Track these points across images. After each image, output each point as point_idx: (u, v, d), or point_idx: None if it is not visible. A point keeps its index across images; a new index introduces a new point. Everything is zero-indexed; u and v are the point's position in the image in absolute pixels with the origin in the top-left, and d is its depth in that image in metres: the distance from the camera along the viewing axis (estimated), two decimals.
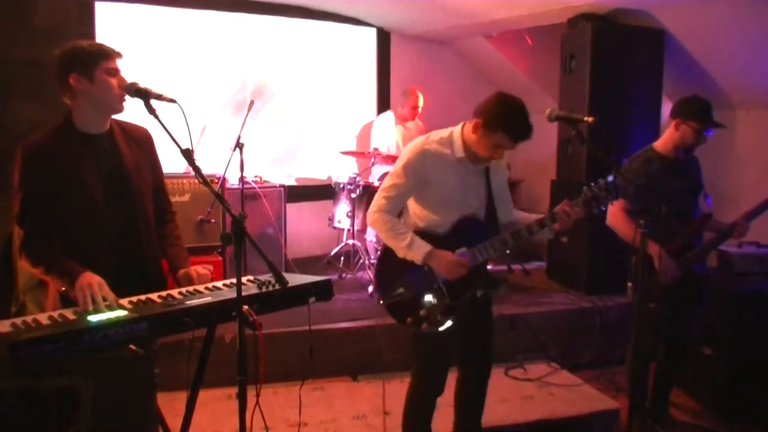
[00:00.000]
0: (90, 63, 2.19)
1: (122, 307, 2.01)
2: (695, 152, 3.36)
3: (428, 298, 2.64)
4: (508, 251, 2.66)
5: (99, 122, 2.29)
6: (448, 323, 2.64)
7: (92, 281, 2.05)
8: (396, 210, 2.68)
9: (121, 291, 2.12)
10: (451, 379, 2.89)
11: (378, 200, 2.67)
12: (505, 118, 2.50)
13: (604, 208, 2.65)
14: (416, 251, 2.57)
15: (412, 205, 2.73)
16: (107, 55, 2.22)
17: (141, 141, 2.43)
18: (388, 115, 6.02)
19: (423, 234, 2.63)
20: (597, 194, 2.58)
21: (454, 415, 2.98)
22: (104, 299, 2.03)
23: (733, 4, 4.15)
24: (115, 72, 2.22)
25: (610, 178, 2.58)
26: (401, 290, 2.66)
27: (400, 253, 2.61)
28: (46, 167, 2.18)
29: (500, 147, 2.56)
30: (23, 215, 2.19)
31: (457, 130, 2.66)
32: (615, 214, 3.28)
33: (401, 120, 5.93)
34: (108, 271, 2.14)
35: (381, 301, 2.70)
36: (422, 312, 2.63)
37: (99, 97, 2.22)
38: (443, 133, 2.69)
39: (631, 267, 3.35)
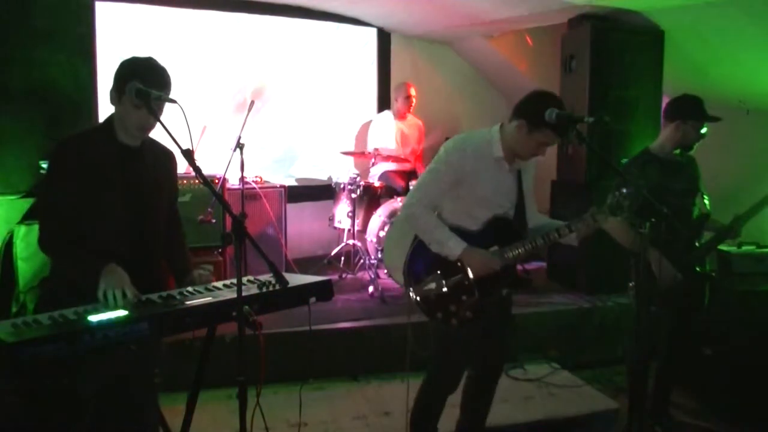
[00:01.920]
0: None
1: (122, 307, 2.01)
2: (695, 153, 3.37)
3: (459, 294, 2.65)
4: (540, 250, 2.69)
5: (131, 138, 2.31)
6: (476, 320, 2.67)
7: (122, 276, 2.09)
8: (433, 205, 2.71)
9: None
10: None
11: (416, 194, 2.69)
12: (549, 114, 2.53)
13: (625, 216, 2.67)
14: (452, 247, 2.59)
15: (445, 201, 2.74)
16: (160, 85, 2.18)
17: (165, 160, 2.47)
18: (387, 114, 6.03)
19: (454, 230, 2.65)
20: (620, 202, 2.59)
21: (459, 413, 2.99)
22: (124, 295, 2.05)
23: (733, 4, 4.15)
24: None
25: (631, 189, 2.59)
26: (432, 285, 2.68)
27: (434, 248, 2.64)
28: (77, 165, 2.20)
29: (545, 144, 2.61)
30: (48, 209, 2.24)
31: (495, 129, 2.69)
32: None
33: (399, 116, 5.94)
34: None
35: (412, 294, 2.71)
36: (452, 307, 2.65)
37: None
38: (481, 132, 2.72)
39: (632, 267, 3.35)
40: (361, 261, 5.35)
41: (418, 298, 2.70)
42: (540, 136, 2.57)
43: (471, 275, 2.63)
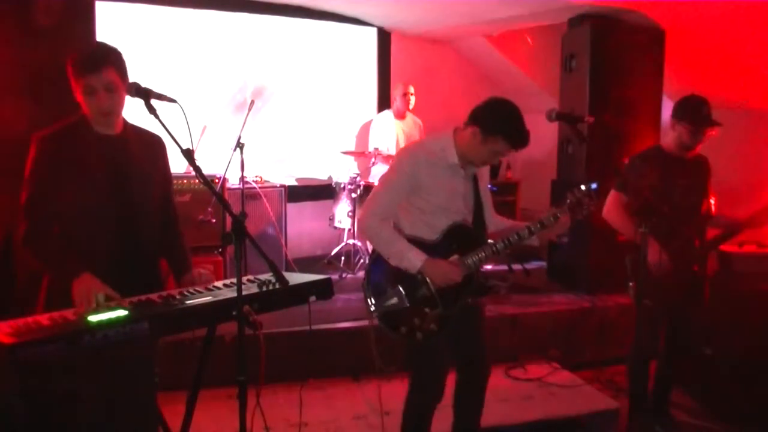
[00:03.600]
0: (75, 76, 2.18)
1: (122, 307, 2.00)
2: (704, 153, 3.38)
3: (421, 306, 2.61)
4: (500, 256, 2.66)
5: (104, 126, 2.28)
6: (442, 331, 2.63)
7: (91, 285, 2.04)
8: (388, 216, 2.66)
9: (118, 291, 2.10)
10: (450, 380, 2.88)
11: (370, 206, 2.62)
12: (503, 125, 2.51)
13: (586, 214, 2.63)
14: (411, 260, 2.54)
15: (401, 211, 2.70)
16: (95, 66, 2.16)
17: (153, 147, 2.43)
18: (387, 114, 6.03)
19: (412, 241, 2.60)
20: (580, 200, 2.57)
21: (453, 416, 2.98)
22: (107, 299, 2.03)
23: (734, 4, 4.15)
24: (92, 90, 2.17)
25: (594, 185, 2.57)
26: (394, 300, 2.63)
27: (393, 261, 2.58)
28: (57, 159, 2.18)
29: (499, 153, 2.58)
30: (30, 205, 2.19)
31: (448, 135, 2.65)
32: (611, 208, 3.30)
33: (399, 116, 5.94)
34: (106, 271, 2.13)
35: (373, 311, 2.66)
36: (416, 321, 2.61)
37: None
38: (435, 139, 2.69)
39: (627, 264, 3.37)
40: (361, 261, 5.36)
41: (379, 314, 2.65)
42: (493, 145, 2.53)
43: (433, 287, 2.59)
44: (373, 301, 2.66)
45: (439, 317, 2.61)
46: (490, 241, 2.66)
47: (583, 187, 2.57)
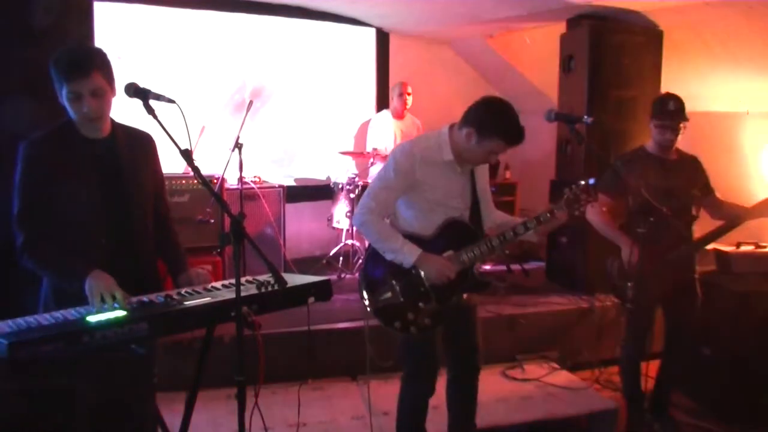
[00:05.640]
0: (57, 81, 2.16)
1: (122, 308, 2.00)
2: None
3: (415, 301, 2.63)
4: (497, 252, 2.66)
5: (91, 130, 2.26)
6: (436, 326, 2.64)
7: (108, 282, 2.05)
8: (384, 213, 2.68)
9: None
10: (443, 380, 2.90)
11: (366, 203, 2.64)
12: (499, 124, 2.51)
13: (583, 210, 2.65)
14: (406, 255, 2.56)
15: (398, 207, 2.72)
16: (80, 73, 2.13)
17: (143, 146, 2.41)
18: (385, 114, 6.03)
19: (408, 237, 2.62)
20: (578, 196, 2.58)
21: (448, 415, 2.99)
22: (114, 297, 2.02)
23: (733, 4, 4.15)
24: (77, 96, 2.14)
25: (591, 181, 2.58)
26: (388, 294, 2.65)
27: (389, 256, 2.61)
28: (46, 166, 2.17)
29: (495, 153, 2.59)
30: (23, 214, 2.18)
31: (444, 132, 2.66)
32: (594, 210, 3.30)
33: (397, 116, 5.95)
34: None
35: (368, 305, 2.68)
36: (410, 316, 2.62)
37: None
38: (430, 135, 2.70)
39: (609, 268, 3.38)
40: (360, 261, 5.35)
41: (374, 309, 2.66)
42: (489, 145, 2.54)
43: (426, 282, 2.61)
44: (369, 296, 2.67)
45: (433, 312, 2.63)
46: (487, 236, 2.67)
47: (582, 182, 2.59)
